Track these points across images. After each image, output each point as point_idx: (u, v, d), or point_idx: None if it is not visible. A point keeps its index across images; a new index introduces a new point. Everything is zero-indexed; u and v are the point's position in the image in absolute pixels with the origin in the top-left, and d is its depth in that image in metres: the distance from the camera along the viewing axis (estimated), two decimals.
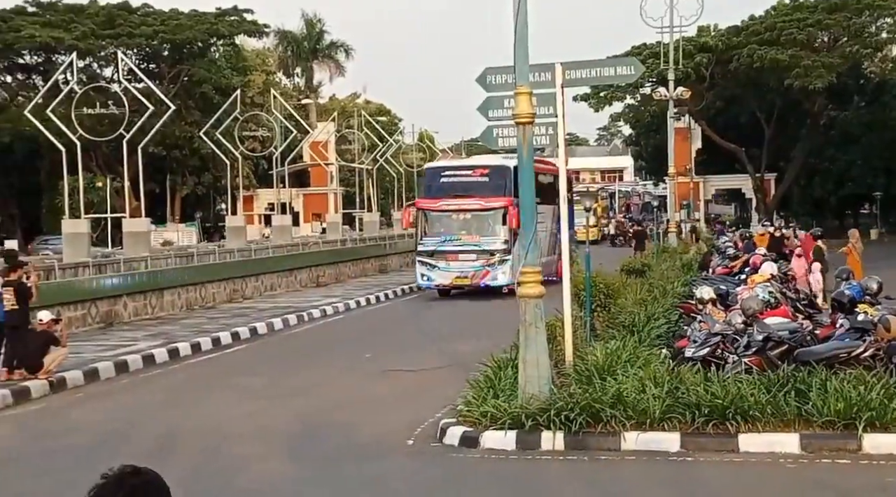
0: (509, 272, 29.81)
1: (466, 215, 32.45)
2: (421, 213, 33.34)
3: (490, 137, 15.34)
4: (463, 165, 36.38)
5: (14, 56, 59.50)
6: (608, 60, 18.40)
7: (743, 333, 14.40)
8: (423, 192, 34.41)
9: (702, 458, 11.49)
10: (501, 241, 31.76)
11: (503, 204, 31.33)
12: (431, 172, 35.40)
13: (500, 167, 32.57)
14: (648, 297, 20.20)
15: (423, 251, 32.79)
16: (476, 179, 32.98)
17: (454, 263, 31.99)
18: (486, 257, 31.68)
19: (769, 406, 11.86)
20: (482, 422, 12.64)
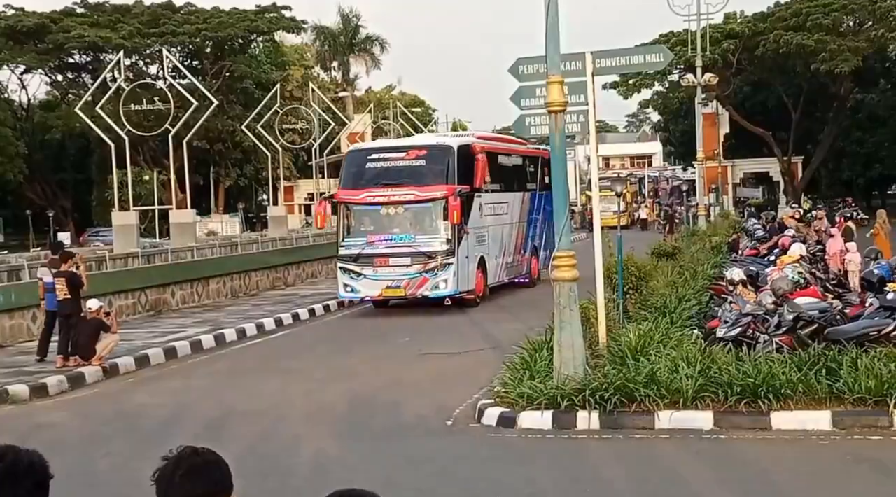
0: (453, 279, 24.37)
1: (398, 209, 24.90)
2: (342, 208, 25.48)
3: (522, 126, 15.26)
4: (393, 146, 27.72)
5: (64, 55, 59.88)
6: (637, 48, 18.24)
7: (773, 313, 14.28)
8: (344, 180, 26.18)
9: (735, 435, 11.41)
10: (442, 240, 24.50)
11: (443, 193, 24.16)
12: (354, 156, 26.93)
13: (439, 147, 25.93)
14: (679, 280, 20.05)
15: (344, 255, 24.97)
16: (410, 163, 25.21)
17: (384, 270, 24.52)
18: (423, 261, 24.30)
19: (801, 384, 11.75)
20: (519, 402, 12.62)
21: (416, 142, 28.97)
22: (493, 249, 27.05)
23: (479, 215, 26.24)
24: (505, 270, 28.14)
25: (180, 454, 3.16)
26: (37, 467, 3.00)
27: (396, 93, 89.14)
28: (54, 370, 17.33)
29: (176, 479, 3.09)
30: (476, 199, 25.87)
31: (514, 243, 28.95)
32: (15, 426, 13.86)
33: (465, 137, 28.75)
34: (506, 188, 28.73)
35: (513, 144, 31.48)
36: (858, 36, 54.54)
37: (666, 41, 52.75)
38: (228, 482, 3.17)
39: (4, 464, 2.94)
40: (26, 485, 2.95)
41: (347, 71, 79.61)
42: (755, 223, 34.51)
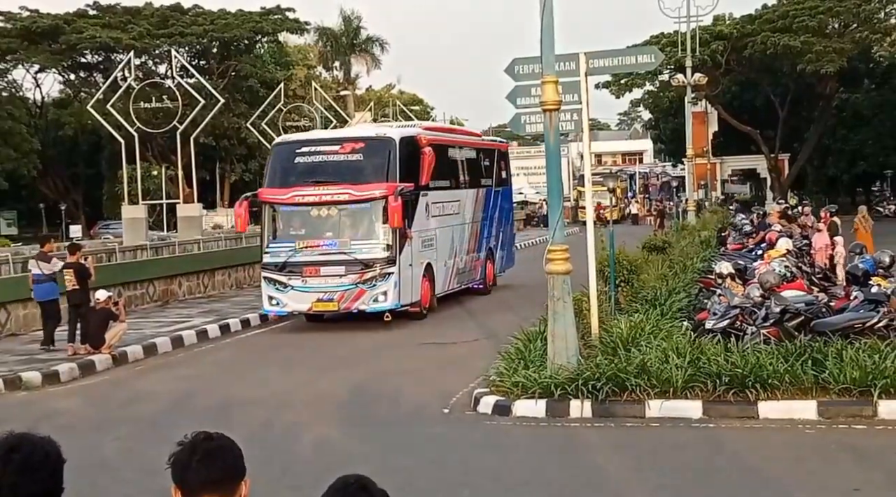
0: (394, 291, 20.48)
1: (331, 210, 20.91)
2: (266, 209, 21.41)
3: (518, 124, 15.20)
4: (326, 138, 23.21)
5: (77, 55, 59.79)
6: (629, 49, 18.21)
7: (761, 306, 14.23)
8: (269, 177, 22.00)
9: (723, 424, 11.37)
10: (381, 246, 20.59)
11: (382, 192, 20.23)
12: (281, 150, 22.40)
13: (378, 140, 21.82)
14: (669, 273, 20.00)
15: (269, 264, 20.90)
16: (345, 158, 21.25)
17: (314, 280, 20.50)
18: (359, 270, 20.34)
19: (787, 375, 11.70)
20: (514, 391, 12.59)
21: (352, 133, 24.22)
22: (441, 254, 23.49)
23: (426, 216, 22.57)
24: (456, 277, 24.67)
25: (195, 439, 3.13)
26: (52, 456, 2.97)
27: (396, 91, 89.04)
28: (66, 358, 17.30)
29: (192, 463, 3.06)
30: (422, 198, 22.15)
31: (466, 246, 25.35)
32: (28, 411, 13.85)
33: (410, 128, 24.59)
34: (457, 185, 25.25)
35: (465, 136, 28.46)
36: (843, 38, 54.46)
37: (657, 42, 52.67)
38: (242, 466, 3.15)
39: (21, 455, 2.91)
40: (42, 474, 2.92)
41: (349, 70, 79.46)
42: (743, 218, 34.38)
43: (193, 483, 3.05)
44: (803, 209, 33.52)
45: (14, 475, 2.87)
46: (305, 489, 2.46)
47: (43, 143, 59.16)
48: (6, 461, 2.88)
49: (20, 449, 2.91)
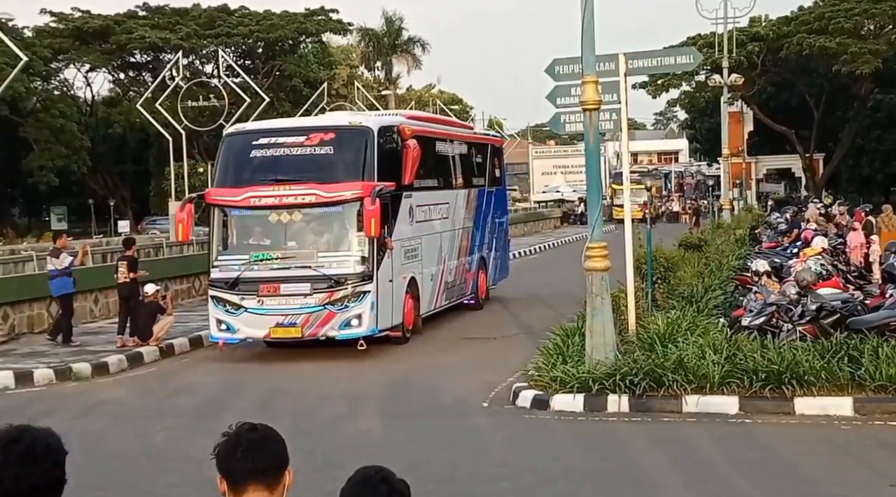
0: (370, 313, 16.63)
1: (294, 215, 16.99)
2: (215, 213, 17.48)
3: (557, 123, 15.16)
4: (289, 128, 19.13)
5: (126, 55, 60.39)
6: (669, 50, 18.07)
7: (797, 303, 14.10)
8: (220, 174, 18.00)
9: (759, 420, 11.29)
10: (356, 258, 16.81)
11: (356, 193, 16.54)
12: (234, 141, 18.27)
13: (352, 130, 17.88)
14: (705, 270, 19.88)
15: (218, 280, 17.04)
16: (312, 152, 17.35)
17: (273, 301, 16.55)
18: (327, 289, 16.50)
19: (823, 371, 11.60)
20: (552, 386, 12.56)
21: (320, 122, 20.36)
22: (428, 266, 19.56)
23: (410, 222, 18.78)
24: (444, 292, 20.75)
25: (239, 430, 3.14)
26: (53, 447, 2.93)
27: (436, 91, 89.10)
28: (115, 350, 17.48)
29: (238, 454, 3.07)
30: (405, 200, 18.41)
31: (456, 256, 21.46)
32: (78, 401, 14.01)
33: (390, 117, 20.78)
34: (446, 185, 21.44)
35: (455, 128, 24.51)
36: (878, 39, 53.86)
37: (694, 43, 52.33)
38: (285, 456, 3.16)
39: (22, 446, 2.88)
40: (45, 465, 2.89)
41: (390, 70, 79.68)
42: (778, 217, 34.10)
43: (239, 473, 3.06)
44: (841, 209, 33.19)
45: (16, 466, 2.84)
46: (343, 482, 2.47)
47: (93, 140, 59.76)
48: (8, 452, 2.85)
49: (21, 440, 2.89)
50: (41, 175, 53.72)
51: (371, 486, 3.10)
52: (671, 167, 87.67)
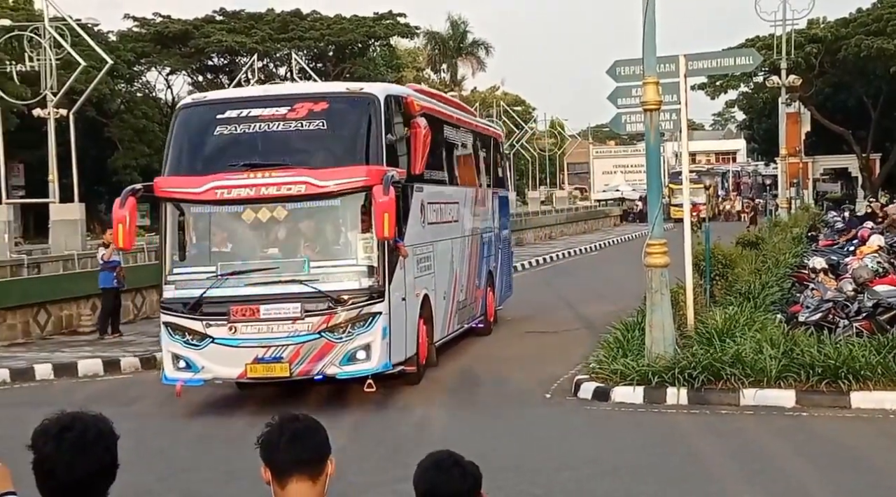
0: (382, 342, 12.13)
1: (276, 212, 12.45)
2: (167, 210, 12.79)
3: (618, 123, 15.11)
4: (266, 96, 13.58)
5: (204, 58, 61.41)
6: (728, 51, 17.87)
7: (853, 300, 13.91)
8: (172, 160, 13.08)
9: (815, 413, 11.15)
10: (362, 269, 12.30)
11: (363, 180, 12.04)
12: (190, 116, 13.40)
13: (351, 98, 13.14)
14: (762, 267, 19.66)
15: (173, 302, 12.45)
16: (298, 128, 12.67)
17: (249, 328, 12.07)
18: (325, 310, 12.03)
19: (879, 366, 11.42)
20: (613, 378, 12.53)
21: (309, 89, 15.91)
22: (441, 281, 15.27)
23: (422, 223, 14.37)
24: (457, 314, 16.41)
25: (282, 420, 3.15)
26: (105, 433, 2.93)
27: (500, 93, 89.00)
28: None
29: (280, 444, 3.08)
30: (416, 194, 13.93)
31: (467, 269, 17.07)
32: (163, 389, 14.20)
33: (396, 87, 15.71)
34: (453, 180, 16.95)
35: (462, 112, 18.79)
36: None
37: (752, 45, 51.54)
38: (327, 446, 3.16)
39: (74, 433, 2.87)
40: (96, 452, 2.89)
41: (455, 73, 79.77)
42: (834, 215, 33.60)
43: (283, 463, 3.07)
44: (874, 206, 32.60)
45: (69, 454, 2.83)
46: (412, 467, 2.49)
47: None
48: (60, 440, 2.85)
49: (73, 428, 2.88)
50: (125, 173, 54.56)
51: (444, 470, 3.13)
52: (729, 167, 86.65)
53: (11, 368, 15.76)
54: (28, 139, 42.25)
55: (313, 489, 3.08)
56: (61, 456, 2.83)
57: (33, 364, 16.03)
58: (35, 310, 19.36)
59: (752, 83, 60.97)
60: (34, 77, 33.99)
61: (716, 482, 8.84)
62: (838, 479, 8.88)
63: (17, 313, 18.97)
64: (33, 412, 3.76)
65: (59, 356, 16.70)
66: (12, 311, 18.85)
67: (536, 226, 50.26)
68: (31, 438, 2.88)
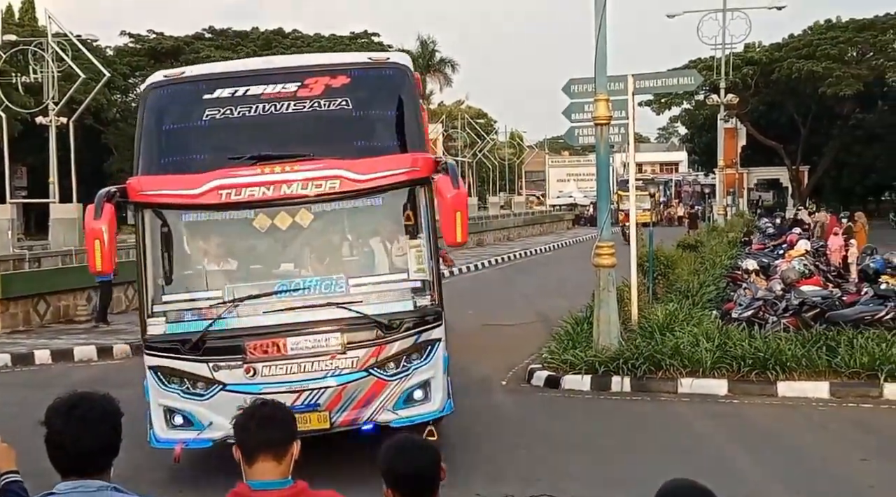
0: (443, 379, 8.57)
1: (300, 215, 8.50)
2: (146, 220, 8.46)
3: (572, 136, 15.20)
4: (269, 70, 9.18)
5: None
6: (672, 72, 18.02)
7: (782, 299, 14.12)
8: (147, 154, 8.73)
9: (746, 400, 11.31)
10: (414, 284, 8.53)
11: (408, 172, 8.37)
12: (168, 97, 9.05)
13: (379, 70, 9.21)
14: (700, 268, 19.85)
15: (163, 339, 8.36)
16: (315, 108, 8.71)
17: (274, 367, 8.07)
18: (375, 340, 8.21)
19: (804, 359, 11.61)
20: (563, 367, 12.62)
21: (320, 61, 9.89)
22: None
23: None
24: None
25: (253, 406, 3.23)
26: (109, 412, 2.97)
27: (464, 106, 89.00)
28: None
29: (250, 427, 3.15)
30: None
31: None
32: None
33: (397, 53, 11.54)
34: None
35: None
36: (861, 64, 53.41)
37: (694, 66, 52.01)
38: (293, 429, 3.23)
39: (80, 411, 2.92)
40: (101, 429, 2.93)
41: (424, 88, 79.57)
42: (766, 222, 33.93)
43: (251, 444, 3.14)
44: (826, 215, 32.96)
45: (75, 430, 2.88)
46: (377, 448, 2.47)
47: None
48: (68, 417, 2.90)
49: (80, 406, 2.92)
50: (120, 176, 54.18)
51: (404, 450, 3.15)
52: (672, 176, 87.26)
53: (13, 353, 15.75)
54: (31, 145, 42.01)
55: (277, 468, 3.14)
56: (68, 431, 2.88)
57: (33, 350, 16.00)
58: (35, 300, 19.29)
59: (693, 101, 61.51)
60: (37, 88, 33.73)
61: (657, 459, 8.94)
62: (765, 458, 9.02)
63: (18, 303, 18.91)
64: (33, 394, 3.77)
65: (56, 343, 16.61)
66: (14, 301, 18.80)
67: (496, 228, 50.53)
68: (44, 415, 2.92)
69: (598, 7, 12.66)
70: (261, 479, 3.11)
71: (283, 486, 3.12)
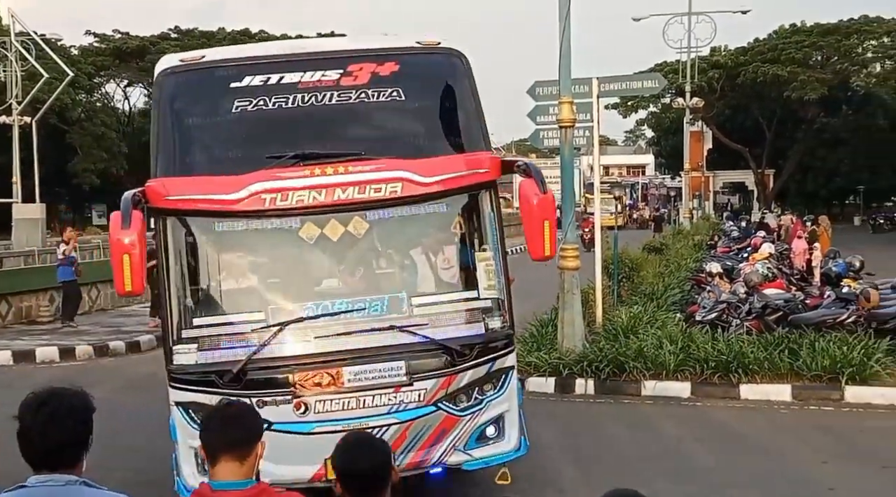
0: (518, 414, 7.41)
1: (354, 224, 7.03)
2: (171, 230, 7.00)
3: (537, 138, 15.22)
4: (305, 56, 7.62)
5: None
6: (637, 75, 18.08)
7: (745, 301, 14.20)
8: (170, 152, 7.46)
9: (708, 403, 11.36)
10: (485, 304, 7.19)
11: (478, 174, 7.21)
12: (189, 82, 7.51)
13: (432, 58, 7.79)
14: (665, 271, 19.97)
15: (193, 370, 6.75)
16: (363, 100, 7.32)
17: (330, 402, 6.73)
18: (443, 368, 6.90)
19: (766, 361, 11.68)
20: (527, 369, 12.57)
21: (362, 46, 7.79)
22: None
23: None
24: None
25: (218, 406, 3.27)
26: (77, 408, 3.02)
27: None
28: (146, 330, 17.51)
29: (213, 427, 3.18)
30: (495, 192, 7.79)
31: None
32: (115, 374, 14.12)
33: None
34: None
35: None
36: (825, 69, 54.09)
37: (660, 69, 52.28)
38: (256, 430, 3.24)
39: (49, 408, 2.98)
40: (68, 424, 2.98)
41: None
42: (731, 225, 34.18)
43: (214, 444, 3.16)
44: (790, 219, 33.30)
45: (43, 425, 2.94)
46: None
47: (130, 146, 59.74)
48: (36, 413, 2.96)
49: (49, 403, 2.98)
50: (85, 176, 54.14)
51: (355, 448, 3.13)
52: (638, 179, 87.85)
53: None
54: None
55: (240, 469, 3.15)
56: (36, 426, 2.95)
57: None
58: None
59: (660, 104, 61.92)
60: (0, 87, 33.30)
61: (621, 461, 8.95)
62: (727, 460, 9.06)
63: None
64: None
65: (18, 344, 16.43)
66: None
67: None
68: (18, 410, 2.99)
69: (563, 9, 12.67)
70: (223, 480, 3.13)
71: (244, 487, 3.14)
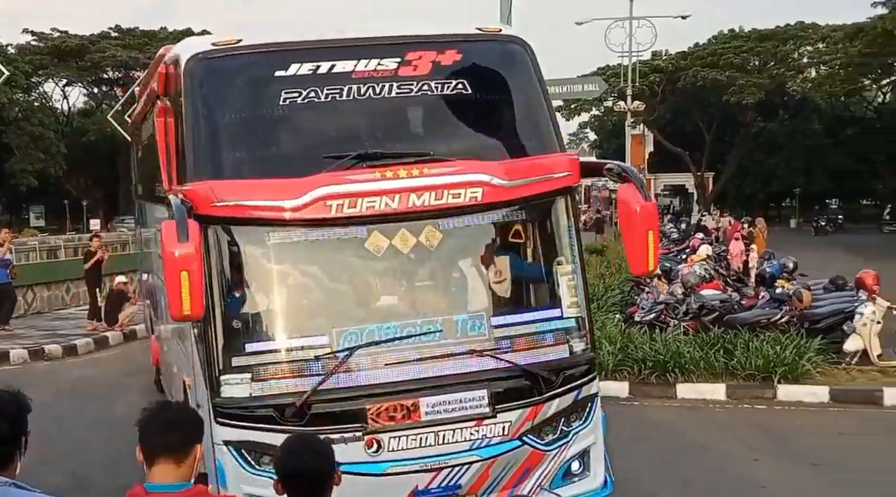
0: (600, 446, 6.51)
1: (426, 234, 5.93)
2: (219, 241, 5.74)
3: None
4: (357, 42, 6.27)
5: (99, 72, 59.62)
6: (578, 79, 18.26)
7: (682, 302, 14.40)
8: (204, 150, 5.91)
9: (646, 402, 11.53)
10: (568, 324, 6.24)
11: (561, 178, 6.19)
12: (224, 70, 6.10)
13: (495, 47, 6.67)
14: (606, 273, 20.15)
15: (245, 404, 5.57)
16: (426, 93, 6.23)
17: (407, 439, 5.71)
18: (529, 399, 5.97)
19: (702, 361, 11.89)
20: None
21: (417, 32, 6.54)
22: None
23: None
24: None
25: (157, 408, 3.24)
26: (8, 410, 3.05)
27: None
28: (84, 333, 17.26)
29: (152, 430, 3.17)
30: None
31: None
32: (51, 379, 13.86)
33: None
34: None
35: None
36: (763, 74, 55.06)
37: (602, 73, 52.85)
38: (196, 433, 3.23)
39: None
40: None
41: None
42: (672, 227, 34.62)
43: (152, 446, 3.15)
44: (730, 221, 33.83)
45: None
46: None
47: (69, 147, 58.72)
48: None
49: None
50: (22, 177, 52.96)
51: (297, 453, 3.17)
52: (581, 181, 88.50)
53: None
54: None
55: (177, 471, 3.14)
56: None
57: None
58: None
59: (602, 107, 62.54)
60: None
61: None
62: (663, 459, 9.22)
63: None
64: None
65: None
66: None
67: None
68: None
69: (504, 12, 12.77)
70: (159, 482, 3.12)
71: (180, 489, 3.12)
